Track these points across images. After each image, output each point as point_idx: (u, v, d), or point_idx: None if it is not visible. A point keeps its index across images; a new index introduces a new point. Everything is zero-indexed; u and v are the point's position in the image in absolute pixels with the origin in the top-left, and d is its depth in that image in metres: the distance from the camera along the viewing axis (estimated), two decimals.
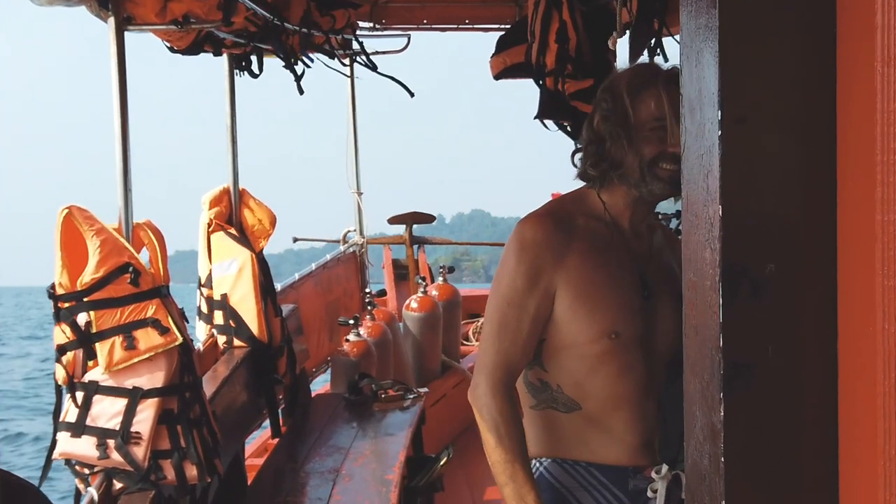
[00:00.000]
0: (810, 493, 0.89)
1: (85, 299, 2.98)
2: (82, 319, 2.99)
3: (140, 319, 3.02)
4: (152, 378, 3.00)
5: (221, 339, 4.40)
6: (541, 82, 4.77)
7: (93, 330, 2.98)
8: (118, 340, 2.99)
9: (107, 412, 2.97)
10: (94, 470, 2.98)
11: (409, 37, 6.93)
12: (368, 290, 6.94)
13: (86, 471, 2.99)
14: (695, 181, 0.92)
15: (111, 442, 2.95)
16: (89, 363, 3.02)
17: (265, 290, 4.44)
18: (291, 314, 4.95)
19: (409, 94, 5.80)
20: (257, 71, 4.58)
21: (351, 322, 5.64)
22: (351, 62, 6.59)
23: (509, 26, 5.89)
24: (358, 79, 7.32)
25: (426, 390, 5.29)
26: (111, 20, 3.19)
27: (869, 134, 0.79)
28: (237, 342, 4.36)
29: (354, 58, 5.95)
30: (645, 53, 4.74)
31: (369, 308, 6.10)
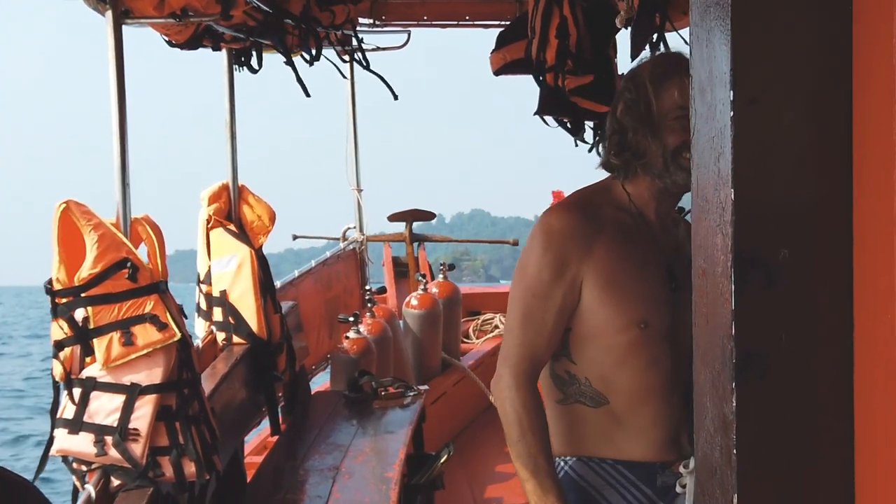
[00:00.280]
0: (826, 486, 0.86)
1: (82, 295, 2.95)
2: (80, 315, 2.96)
3: (138, 315, 2.99)
4: (150, 374, 2.98)
5: (220, 336, 4.37)
6: (541, 78, 4.75)
7: (90, 326, 2.96)
8: (116, 336, 2.96)
9: (104, 408, 2.94)
10: (92, 467, 2.95)
11: (409, 33, 6.90)
12: (368, 288, 6.90)
13: (83, 468, 2.96)
14: (705, 165, 0.90)
15: (109, 438, 2.92)
16: (87, 359, 2.99)
17: (265, 287, 4.41)
18: (291, 311, 4.92)
19: (394, 97, 5.76)
20: (256, 66, 4.56)
21: (351, 319, 5.61)
22: (350, 59, 6.57)
23: (509, 23, 5.86)
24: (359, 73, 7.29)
25: (426, 388, 5.26)
26: (109, 13, 3.17)
27: (887, 114, 0.77)
28: (236, 339, 4.33)
29: (353, 54, 5.91)
30: (647, 48, 4.74)
31: (369, 305, 6.06)
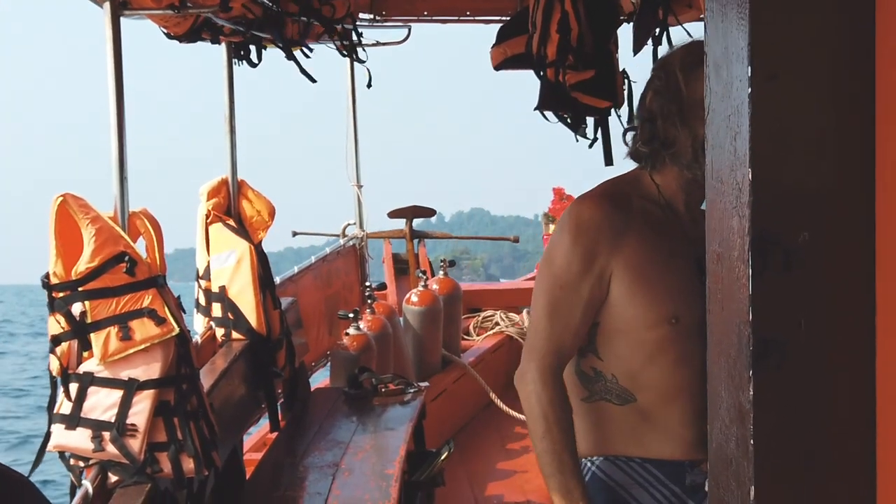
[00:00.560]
0: (846, 477, 0.83)
1: (80, 289, 2.93)
2: (77, 309, 2.94)
3: (136, 309, 2.97)
4: (148, 369, 2.95)
5: (220, 332, 4.34)
6: (541, 73, 4.72)
7: (88, 320, 2.93)
8: (114, 331, 2.93)
9: (102, 404, 2.91)
10: (89, 463, 2.93)
11: (410, 28, 6.87)
12: (368, 284, 6.87)
13: (80, 464, 2.94)
14: (720, 145, 0.87)
15: (106, 434, 2.89)
16: (84, 354, 2.97)
17: (264, 283, 4.39)
18: (290, 307, 4.89)
19: (368, 85, 5.79)
20: (256, 60, 4.53)
21: (351, 316, 5.58)
22: (350, 54, 6.53)
23: (510, 18, 5.83)
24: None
25: (427, 384, 5.23)
26: (107, 5, 3.14)
27: None
28: (235, 335, 4.30)
29: (353, 49, 5.88)
30: (649, 43, 4.71)
31: (369, 302, 6.04)
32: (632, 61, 4.83)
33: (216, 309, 4.35)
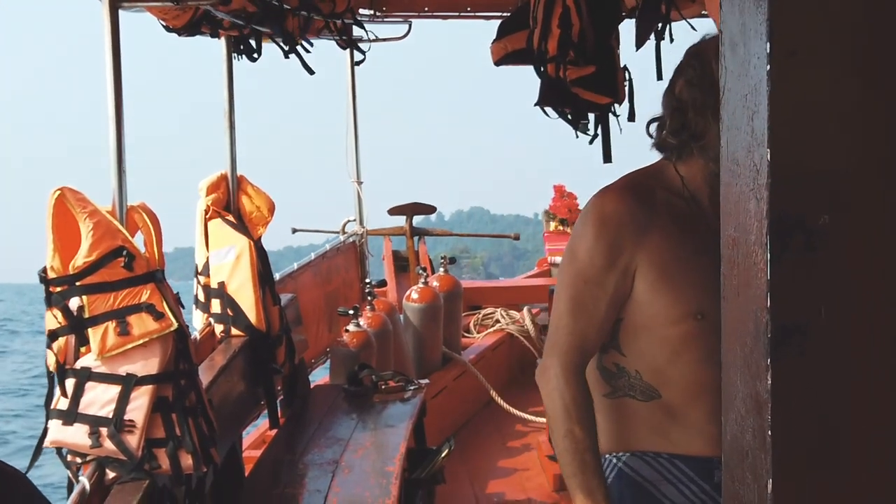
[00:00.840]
0: (869, 469, 0.80)
1: (77, 283, 2.90)
2: (74, 304, 2.91)
3: (134, 304, 2.94)
4: (146, 364, 2.92)
5: (219, 328, 4.31)
6: (542, 69, 4.69)
7: (85, 315, 2.91)
8: (111, 326, 2.91)
9: (99, 399, 2.89)
10: (87, 459, 2.90)
11: (410, 24, 6.83)
12: (368, 281, 6.85)
13: (77, 460, 2.91)
14: (737, 126, 0.83)
15: (104, 430, 2.87)
16: (81, 349, 2.94)
17: (263, 279, 4.36)
18: (290, 304, 4.86)
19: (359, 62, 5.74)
20: (256, 55, 4.50)
21: (350, 312, 5.55)
22: (350, 49, 6.50)
23: (509, 14, 5.80)
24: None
25: (427, 382, 5.20)
26: None
27: None
28: (235, 331, 4.27)
29: (353, 45, 5.86)
30: (652, 38, 4.68)
31: (369, 298, 6.01)
32: (633, 57, 4.82)
33: (215, 305, 4.32)
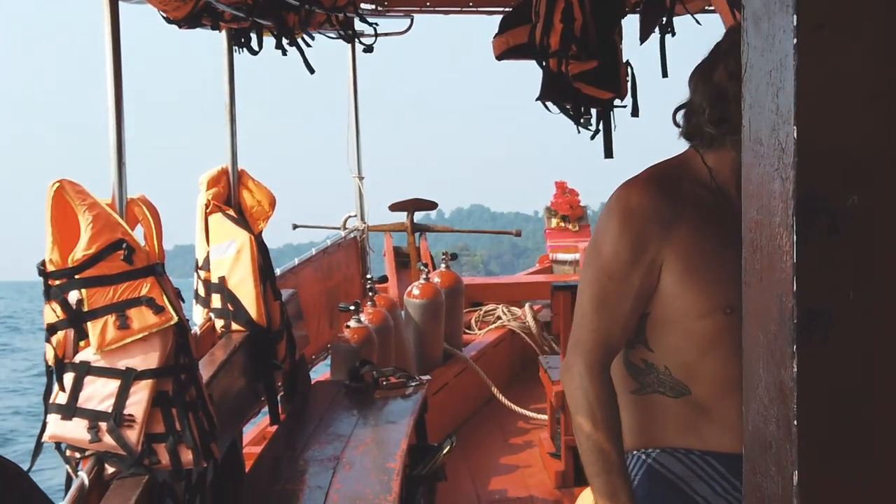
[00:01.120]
0: None
1: (76, 276, 2.87)
2: (73, 297, 2.89)
3: (134, 298, 2.91)
4: (146, 359, 2.90)
5: (219, 323, 4.28)
6: (544, 63, 4.67)
7: (84, 308, 2.88)
8: (111, 319, 2.88)
9: (99, 394, 2.86)
10: (86, 454, 2.87)
11: (412, 18, 6.80)
12: (369, 277, 6.82)
13: (76, 455, 2.88)
14: (760, 104, 0.80)
15: (103, 425, 2.84)
16: (81, 343, 2.91)
17: (264, 273, 4.33)
18: (291, 299, 4.83)
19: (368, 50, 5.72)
20: (256, 47, 4.46)
21: (352, 308, 5.52)
22: (352, 42, 6.47)
23: (512, 9, 5.77)
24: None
25: (429, 378, 5.17)
26: None
27: None
28: (235, 326, 4.24)
29: (355, 38, 5.82)
30: (656, 32, 4.65)
31: (370, 294, 5.98)
32: (635, 53, 4.79)
33: (215, 300, 4.30)
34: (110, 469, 2.86)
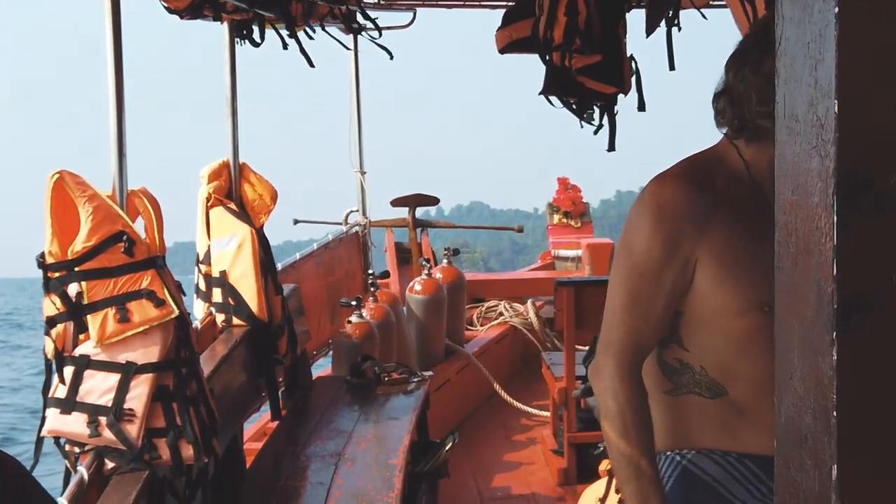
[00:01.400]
0: None
1: (76, 269, 2.83)
2: (73, 290, 2.85)
3: (134, 291, 2.87)
4: (147, 352, 2.86)
5: (220, 318, 4.25)
6: (547, 57, 4.63)
7: (84, 301, 2.84)
8: (111, 312, 2.84)
9: (98, 388, 2.82)
10: (85, 449, 2.84)
11: (415, 12, 6.76)
12: (371, 272, 6.78)
13: (76, 449, 2.84)
14: (796, 78, 0.76)
15: (103, 419, 2.80)
16: (80, 336, 2.87)
17: (265, 268, 4.30)
18: (292, 294, 4.79)
19: (389, 55, 5.66)
20: (258, 40, 4.42)
21: (353, 303, 5.48)
22: (355, 36, 6.43)
23: (515, 2, 5.73)
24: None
25: (431, 374, 5.14)
26: None
27: None
28: (236, 320, 4.21)
29: (358, 32, 5.78)
30: (662, 25, 4.61)
31: (372, 290, 5.94)
32: (640, 48, 4.74)
33: (216, 294, 4.26)
34: (110, 464, 2.83)
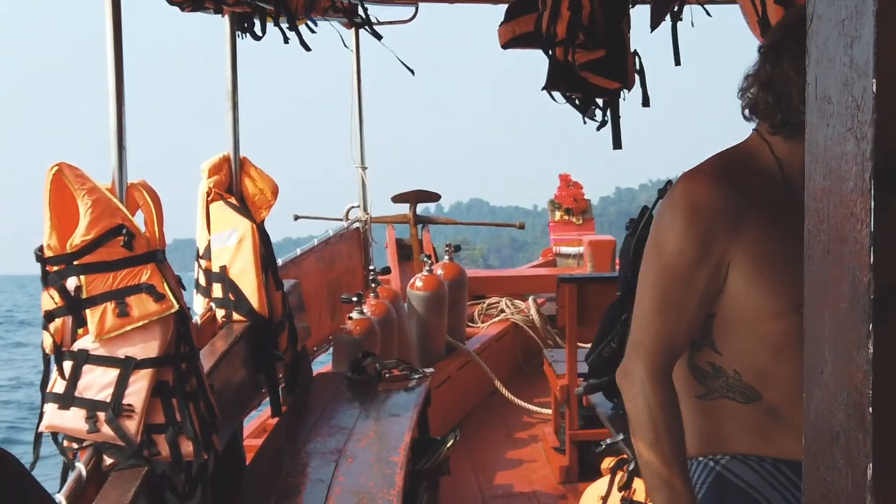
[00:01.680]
0: None
1: (75, 262, 2.80)
2: (72, 284, 2.81)
3: (134, 285, 2.84)
4: (146, 347, 2.82)
5: (220, 313, 4.21)
6: (550, 53, 4.59)
7: (83, 295, 2.81)
8: (110, 307, 2.81)
9: (97, 383, 2.79)
10: (83, 444, 2.80)
11: (417, 7, 6.71)
12: (372, 268, 6.74)
13: (74, 445, 2.81)
14: (830, 57, 0.72)
15: (102, 415, 2.77)
16: (79, 331, 2.84)
17: (266, 263, 4.26)
18: (293, 289, 4.76)
19: (410, 72, 5.61)
20: (260, 33, 4.39)
21: (354, 299, 5.45)
22: (356, 31, 6.39)
23: None
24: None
25: (432, 371, 5.11)
26: None
27: None
28: (236, 316, 4.18)
29: (360, 27, 5.74)
30: (668, 19, 4.57)
31: (373, 286, 5.90)
32: (644, 43, 4.70)
33: (216, 289, 4.23)
34: (108, 460, 2.79)
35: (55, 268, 2.81)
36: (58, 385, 2.80)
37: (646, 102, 4.64)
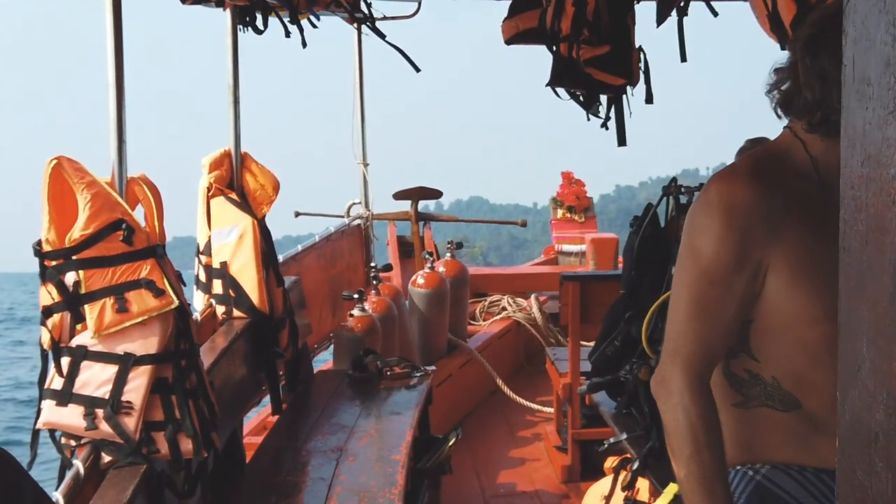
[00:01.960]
0: None
1: (74, 257, 2.76)
2: (70, 279, 2.77)
3: (133, 280, 2.80)
4: (145, 343, 2.78)
5: (220, 310, 4.18)
6: (554, 48, 4.55)
7: (81, 291, 2.76)
8: (109, 302, 2.77)
9: (96, 379, 2.75)
10: (81, 441, 2.76)
11: (420, 2, 6.66)
12: (373, 265, 6.71)
13: (72, 442, 2.77)
14: (870, 37, 0.69)
15: (100, 412, 2.73)
16: (77, 327, 2.80)
17: (267, 259, 4.23)
18: (294, 286, 4.72)
19: (416, 70, 5.57)
20: (262, 27, 4.34)
21: (355, 296, 5.41)
22: (358, 27, 6.35)
23: None
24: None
25: (433, 369, 5.07)
26: None
27: None
28: (237, 313, 4.14)
29: (363, 23, 5.69)
30: (673, 14, 4.53)
31: (374, 283, 5.86)
32: (648, 39, 4.66)
33: (217, 286, 4.19)
34: (107, 458, 2.75)
35: (53, 262, 2.77)
36: (55, 381, 2.76)
37: (649, 99, 4.60)
